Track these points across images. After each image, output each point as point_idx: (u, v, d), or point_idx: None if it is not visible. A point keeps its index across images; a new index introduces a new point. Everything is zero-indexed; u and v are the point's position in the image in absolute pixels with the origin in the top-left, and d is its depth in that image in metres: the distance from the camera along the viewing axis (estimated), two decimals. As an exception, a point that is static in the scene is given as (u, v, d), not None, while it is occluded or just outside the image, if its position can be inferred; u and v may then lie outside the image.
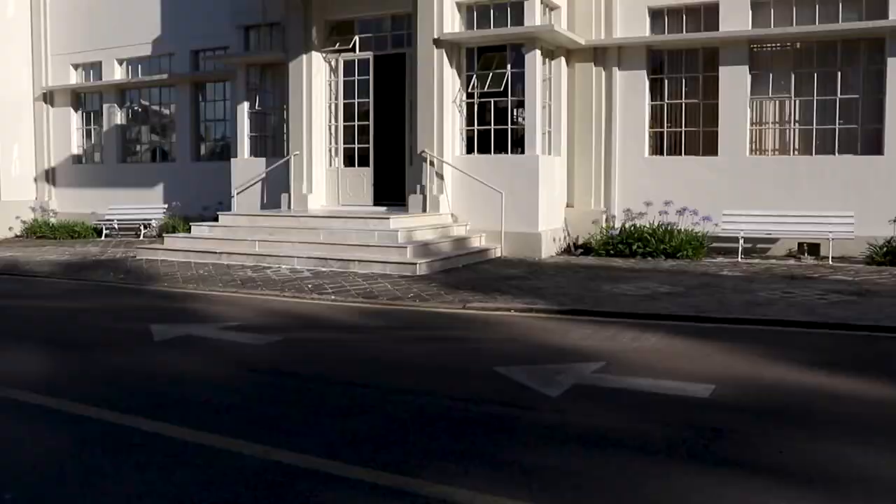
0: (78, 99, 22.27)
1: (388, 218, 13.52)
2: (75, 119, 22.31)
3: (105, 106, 21.32)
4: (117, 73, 21.15)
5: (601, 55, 15.17)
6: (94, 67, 21.68)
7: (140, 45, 20.46)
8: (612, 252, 14.36)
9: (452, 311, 9.58)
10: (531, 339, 7.88)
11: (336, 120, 16.25)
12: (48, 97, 22.27)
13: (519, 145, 14.47)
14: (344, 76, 16.08)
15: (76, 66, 22.04)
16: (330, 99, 16.28)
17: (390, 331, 8.65)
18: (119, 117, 21.25)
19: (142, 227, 19.87)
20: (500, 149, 14.71)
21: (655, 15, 15.02)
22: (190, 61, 19.86)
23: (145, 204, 20.40)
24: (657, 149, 15.29)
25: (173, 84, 20.14)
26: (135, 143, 21.52)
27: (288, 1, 15.93)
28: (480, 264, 13.35)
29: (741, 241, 13.81)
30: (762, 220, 14.03)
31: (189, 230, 15.50)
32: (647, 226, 14.43)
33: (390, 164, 16.00)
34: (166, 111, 20.86)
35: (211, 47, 19.36)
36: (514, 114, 14.69)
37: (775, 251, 14.25)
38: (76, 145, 22.38)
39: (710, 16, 14.58)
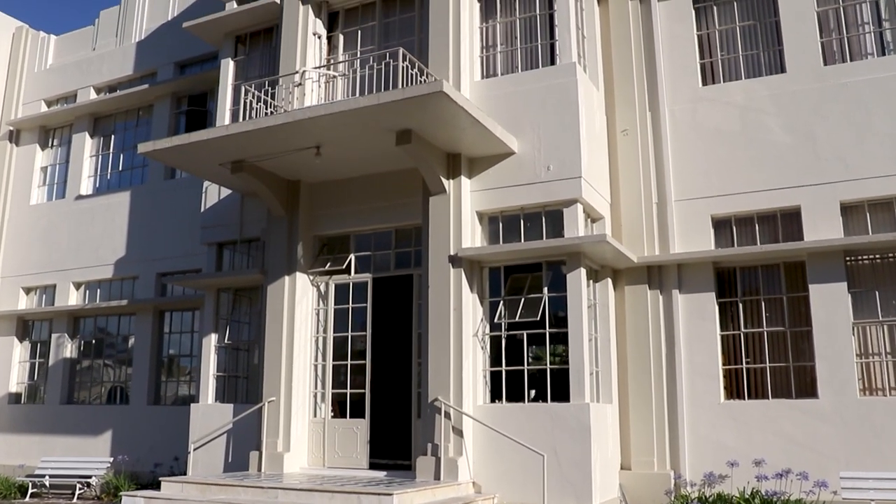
0: (25, 327, 19.08)
1: (389, 493, 9.73)
2: (19, 351, 18.99)
3: (54, 336, 18.09)
4: (72, 299, 18.14)
5: (656, 275, 12.22)
6: (48, 291, 18.74)
7: (101, 266, 17.70)
8: (693, 534, 10.50)
9: None
10: None
11: (324, 358, 12.90)
12: (-9, 326, 19.10)
13: (561, 390, 11.05)
14: (335, 303, 12.98)
15: (27, 290, 19.11)
16: (317, 331, 13.05)
17: None
18: (69, 349, 17.94)
19: (78, 486, 15.81)
20: (538, 395, 11.29)
21: (720, 225, 12.25)
22: (155, 286, 16.93)
23: (88, 456, 16.55)
24: (736, 391, 11.87)
25: (134, 312, 17.07)
26: (85, 380, 17.99)
27: (271, 213, 13.20)
28: (520, 562, 9.40)
29: (873, 518, 10.05)
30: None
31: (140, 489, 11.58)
32: (737, 495, 10.71)
33: (392, 416, 12.47)
34: (124, 344, 17.57)
35: (181, 270, 16.51)
36: (554, 350, 11.42)
37: (914, 529, 10.41)
38: (15, 382, 18.86)
39: (789, 223, 11.83)
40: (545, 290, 11.38)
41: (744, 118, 12.14)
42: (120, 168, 18.55)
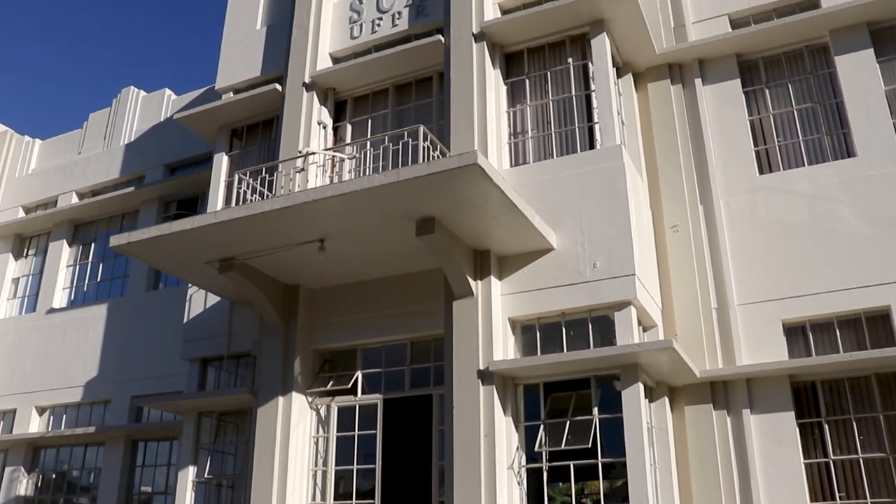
0: (-22, 460, 16.71)
1: None
2: (-31, 488, 16.53)
3: (8, 470, 15.74)
4: (34, 425, 15.94)
5: (722, 392, 10.27)
6: (6, 417, 16.54)
7: (69, 388, 15.66)
8: None
9: None
10: None
11: (323, 497, 10.67)
12: (-59, 459, 16.72)
13: (620, 537, 8.89)
14: (338, 430, 10.92)
15: (-15, 418, 16.89)
16: (316, 464, 10.90)
17: None
18: (25, 485, 15.56)
19: None
20: (590, 543, 9.12)
21: (793, 332, 10.42)
22: (129, 411, 14.81)
23: None
24: (829, 534, 9.69)
25: (103, 441, 14.84)
26: (42, 522, 15.52)
27: (264, 323, 11.34)
28: None
29: None
30: None
31: None
32: None
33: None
34: (90, 479, 15.20)
35: (159, 393, 14.42)
36: (607, 485, 9.31)
37: None
38: (-38, 526, 16.31)
39: (877, 326, 10.03)
40: (595, 410, 9.40)
41: (812, 208, 10.56)
42: (98, 279, 16.79)
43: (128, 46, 47.85)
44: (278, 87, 12.71)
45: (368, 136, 12.34)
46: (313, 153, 10.46)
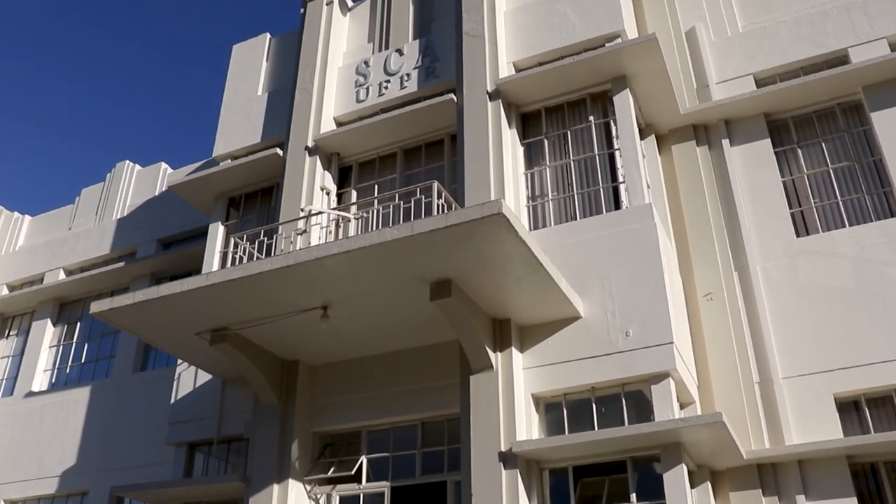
0: (-57, 562, 15.21)
1: None
2: None
3: (-26, 573, 14.27)
4: (5, 520, 14.61)
5: (771, 476, 9.17)
6: (-24, 513, 15.14)
7: (44, 479, 14.42)
8: None
9: None
10: None
11: None
12: None
13: None
14: (341, 521, 9.74)
15: (-47, 512, 15.47)
16: (315, 562, 9.68)
17: None
18: (-9, 591, 14.08)
19: None
20: None
21: (846, 407, 9.41)
22: None
23: None
24: None
25: (78, 537, 13.50)
26: None
27: (259, 402, 10.28)
28: None
29: None
30: None
31: None
32: None
33: None
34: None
35: (142, 483, 13.16)
36: (651, 585, 8.11)
37: None
38: None
39: (943, 405, 9.02)
40: (633, 497, 8.28)
41: (858, 271, 9.72)
42: (83, 360, 15.73)
43: (125, 121, 47.84)
44: (279, 151, 12.05)
45: (375, 202, 11.59)
46: (318, 213, 9.63)
